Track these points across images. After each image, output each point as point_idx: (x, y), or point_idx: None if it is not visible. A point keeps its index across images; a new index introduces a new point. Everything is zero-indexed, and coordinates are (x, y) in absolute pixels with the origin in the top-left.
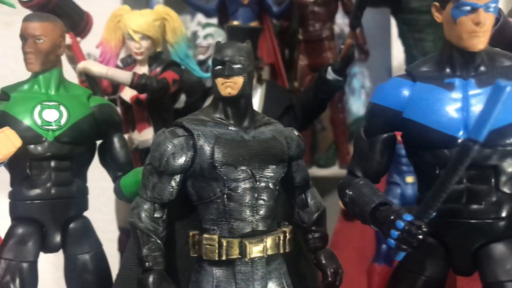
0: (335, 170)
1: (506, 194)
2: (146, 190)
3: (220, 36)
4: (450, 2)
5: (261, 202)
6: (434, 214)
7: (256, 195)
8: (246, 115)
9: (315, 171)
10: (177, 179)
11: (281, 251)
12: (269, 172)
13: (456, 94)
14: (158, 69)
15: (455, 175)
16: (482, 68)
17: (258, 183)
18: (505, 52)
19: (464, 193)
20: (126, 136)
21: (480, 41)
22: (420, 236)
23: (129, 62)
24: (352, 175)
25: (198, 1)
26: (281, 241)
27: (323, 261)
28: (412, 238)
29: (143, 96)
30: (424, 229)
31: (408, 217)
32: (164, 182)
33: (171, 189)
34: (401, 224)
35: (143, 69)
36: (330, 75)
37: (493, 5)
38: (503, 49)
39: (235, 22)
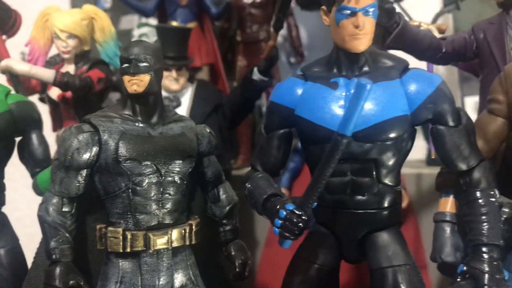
0: None
1: (387, 185)
2: (54, 184)
3: (155, 36)
4: (334, 6)
5: (167, 196)
6: (315, 203)
7: (161, 190)
8: (155, 112)
9: None
10: (84, 174)
11: (187, 243)
12: (175, 167)
13: (340, 93)
14: (85, 68)
15: (329, 167)
16: (366, 68)
17: (163, 177)
18: (388, 53)
19: (349, 185)
20: (54, 133)
21: (360, 43)
22: (301, 224)
23: (57, 61)
24: (253, 169)
25: (136, 1)
26: (187, 234)
27: (233, 253)
28: (293, 226)
29: (69, 94)
30: (304, 218)
31: (290, 207)
32: (71, 177)
33: (78, 184)
34: (283, 213)
35: (70, 68)
36: (256, 75)
37: (371, 9)
38: (404, 50)
39: (174, 23)
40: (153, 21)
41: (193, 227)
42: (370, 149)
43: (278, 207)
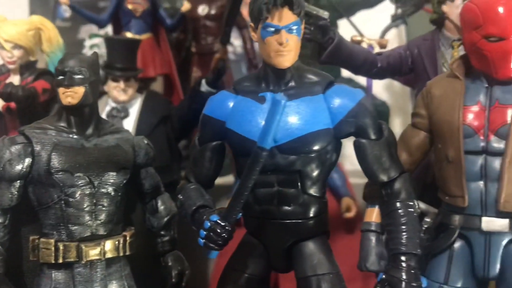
0: (230, 179)
1: (312, 196)
2: None
3: None
4: (260, 24)
5: (100, 207)
6: (239, 214)
7: (94, 201)
8: (90, 124)
9: None
10: (17, 186)
11: (121, 254)
12: (109, 178)
13: (267, 107)
14: (30, 78)
15: (250, 179)
16: (292, 84)
17: (96, 189)
18: (314, 70)
19: (275, 195)
20: None
21: (285, 59)
22: (224, 235)
23: (3, 71)
24: (187, 180)
25: (90, 12)
26: (121, 245)
27: (169, 263)
28: (217, 236)
29: (13, 104)
30: (228, 228)
31: (215, 218)
32: (3, 188)
33: (11, 195)
34: (207, 224)
35: (16, 78)
36: (204, 87)
37: (294, 27)
38: (340, 65)
39: (128, 34)
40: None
41: (127, 238)
42: (294, 161)
43: (204, 218)
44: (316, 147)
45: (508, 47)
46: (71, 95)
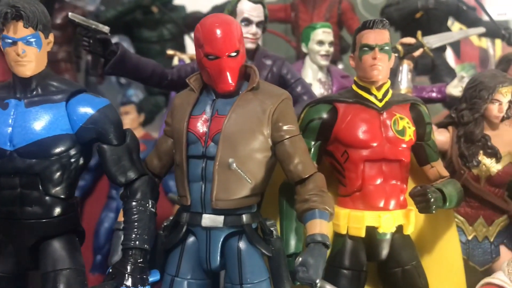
0: None
1: (56, 197)
2: None
3: None
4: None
5: None
6: None
7: None
8: None
9: None
10: None
11: None
12: None
13: (8, 112)
14: None
15: None
16: (37, 91)
17: None
18: (65, 80)
19: (18, 197)
20: None
21: (26, 69)
22: None
23: None
24: None
25: None
26: None
27: None
28: None
29: None
30: None
31: None
32: None
33: None
34: None
35: None
36: None
37: (32, 39)
38: (126, 75)
39: None
40: None
41: None
42: (33, 164)
43: None
44: (55, 151)
45: (222, 65)
46: None
